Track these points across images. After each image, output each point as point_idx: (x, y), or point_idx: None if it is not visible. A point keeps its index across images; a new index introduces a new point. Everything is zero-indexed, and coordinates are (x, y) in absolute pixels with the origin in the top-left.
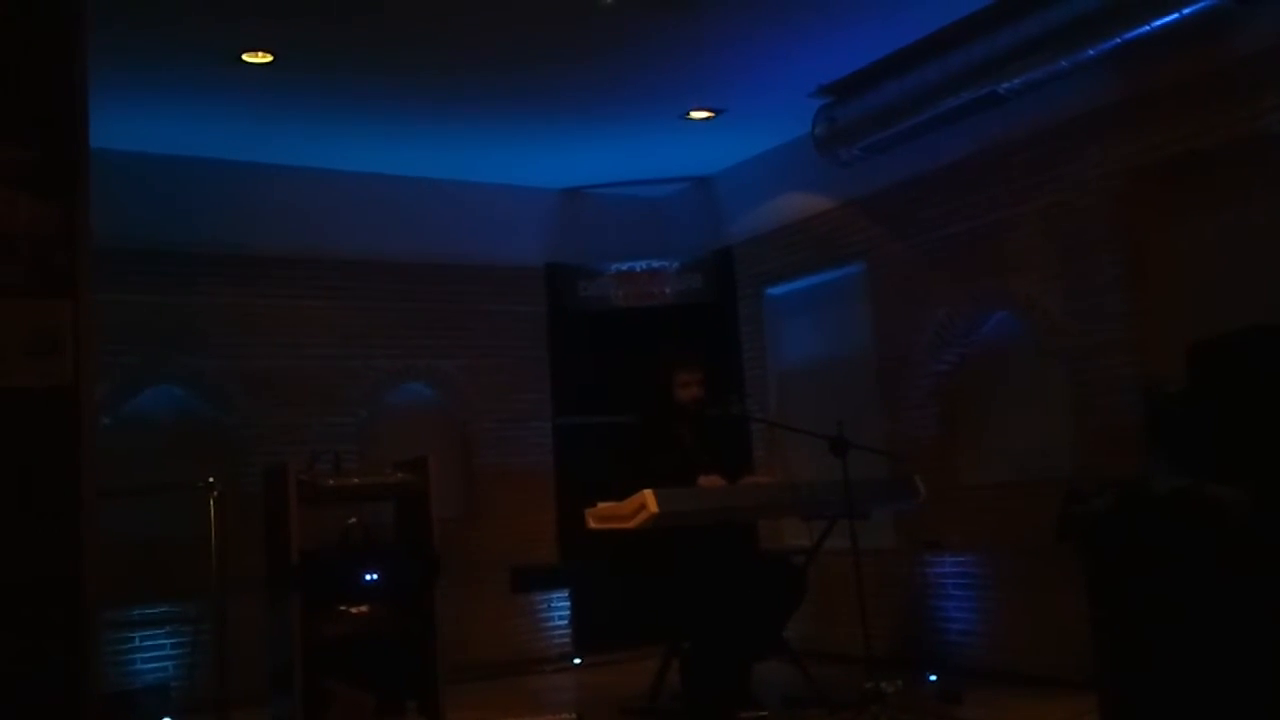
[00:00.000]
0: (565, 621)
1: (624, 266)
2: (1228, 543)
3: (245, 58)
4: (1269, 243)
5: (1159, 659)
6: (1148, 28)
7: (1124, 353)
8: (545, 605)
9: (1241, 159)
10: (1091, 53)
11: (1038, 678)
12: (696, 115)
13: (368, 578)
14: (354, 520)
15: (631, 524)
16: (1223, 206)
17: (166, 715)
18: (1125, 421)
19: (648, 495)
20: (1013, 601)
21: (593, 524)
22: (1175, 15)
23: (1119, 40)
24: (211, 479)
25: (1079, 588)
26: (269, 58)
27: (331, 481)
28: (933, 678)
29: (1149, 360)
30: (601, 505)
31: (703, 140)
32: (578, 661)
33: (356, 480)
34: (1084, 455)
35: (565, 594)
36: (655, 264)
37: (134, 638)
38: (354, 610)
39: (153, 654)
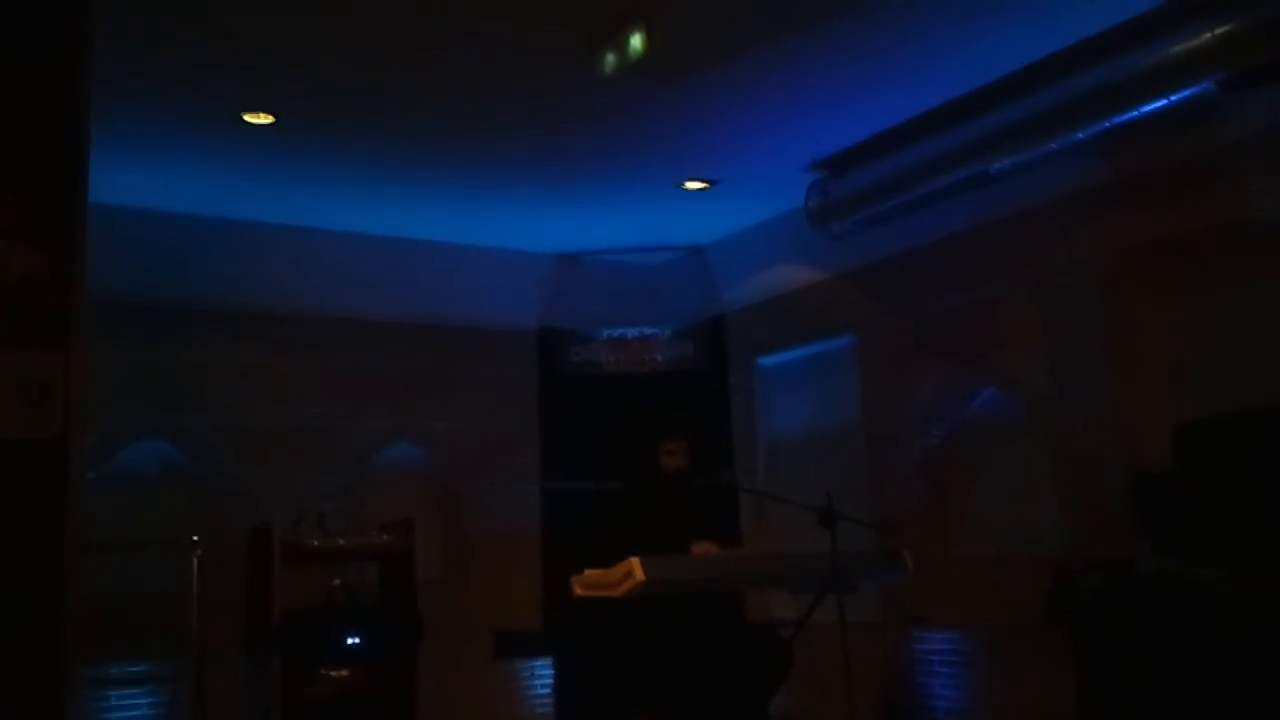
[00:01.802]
0: (548, 689)
1: (616, 333)
2: (1214, 624)
3: (246, 118)
4: (1255, 327)
5: None
6: (1136, 113)
7: (1111, 432)
8: (528, 672)
9: (1228, 243)
10: (1080, 135)
11: None
12: (691, 185)
13: (350, 640)
14: (338, 582)
15: (618, 591)
16: (1210, 290)
17: None
18: (1112, 501)
19: (635, 563)
20: (999, 679)
21: (579, 591)
22: (1163, 101)
23: (1108, 124)
24: (195, 536)
25: (1066, 666)
26: (270, 118)
27: (316, 542)
28: None
29: (1136, 441)
30: (588, 572)
31: (697, 210)
32: None
33: (341, 541)
34: (1072, 533)
35: (548, 661)
36: (647, 331)
37: (110, 696)
38: (335, 673)
39: (129, 714)
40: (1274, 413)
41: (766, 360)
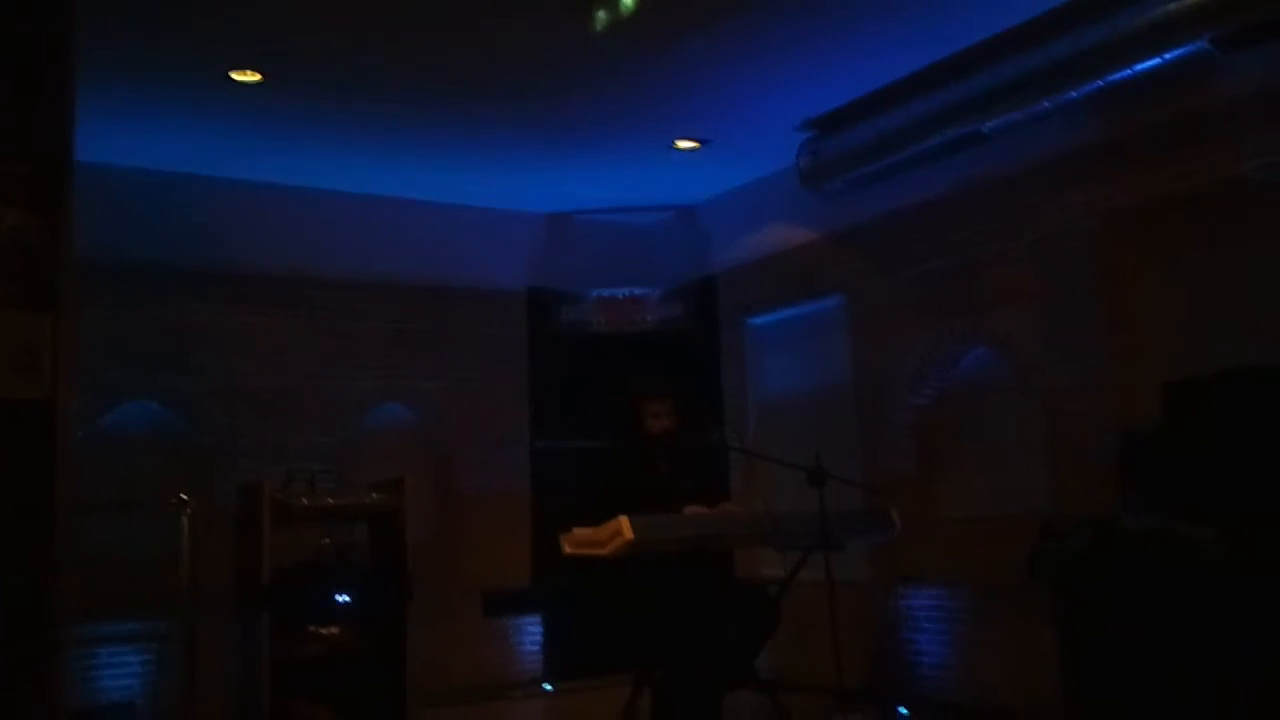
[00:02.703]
0: (537, 647)
1: (606, 293)
2: (1200, 582)
3: (234, 76)
4: (1246, 286)
5: (1128, 695)
6: (1130, 71)
7: (1101, 392)
8: (517, 630)
9: (1222, 203)
10: (1073, 95)
11: (1008, 712)
12: (683, 145)
13: (339, 599)
14: (327, 540)
15: (607, 550)
16: (1202, 250)
17: None
18: (1100, 461)
19: (623, 522)
20: (985, 636)
21: (568, 549)
22: (1157, 60)
23: (1101, 83)
24: (184, 495)
25: (1051, 623)
26: (258, 76)
27: (306, 501)
28: (903, 710)
29: (1126, 400)
30: (577, 531)
31: (688, 170)
32: (548, 687)
33: (331, 500)
34: (1059, 492)
35: (538, 619)
36: (637, 291)
37: (101, 654)
38: (324, 631)
39: (119, 671)
40: (1261, 371)
41: (756, 320)
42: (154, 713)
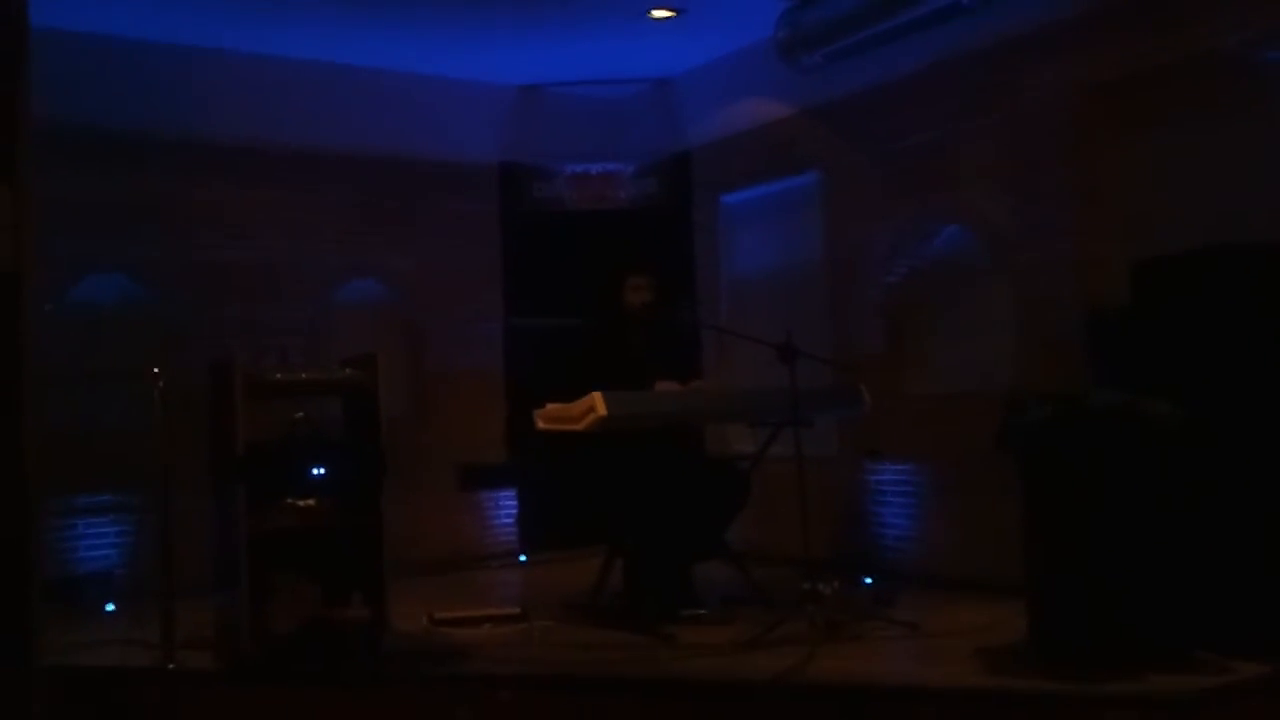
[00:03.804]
0: (512, 520)
1: (579, 168)
2: (1159, 456)
3: None
4: (1219, 164)
5: (1087, 565)
6: None
7: (1070, 270)
8: (492, 503)
9: (1197, 79)
10: None
11: (970, 582)
12: (658, 14)
13: (314, 472)
14: (301, 415)
15: (580, 425)
16: (1176, 127)
17: (110, 602)
18: (1068, 338)
19: (596, 398)
20: (948, 509)
21: (541, 425)
22: None
23: None
24: (156, 369)
25: (1013, 496)
26: None
27: (278, 375)
28: (868, 580)
29: (1095, 279)
30: (550, 406)
31: (663, 41)
32: (523, 559)
33: (304, 375)
34: (1028, 370)
35: (512, 493)
36: (610, 167)
37: (78, 525)
38: (300, 504)
39: (96, 542)
40: (1230, 249)
41: (731, 197)
42: (132, 582)
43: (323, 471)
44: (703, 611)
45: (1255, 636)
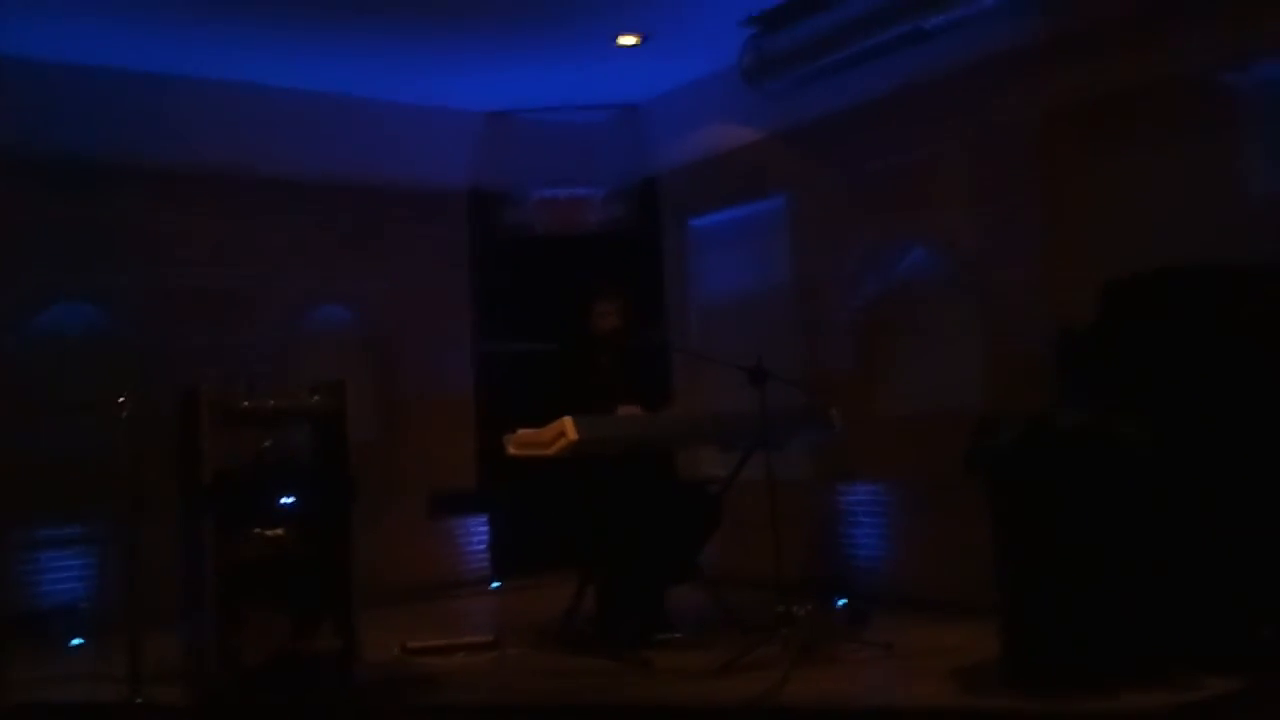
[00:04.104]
0: (484, 546)
1: (547, 193)
2: (1129, 476)
3: None
4: (1184, 186)
5: (1058, 585)
6: None
7: (1037, 290)
8: (463, 530)
9: (1160, 100)
10: None
11: (942, 603)
12: (625, 41)
13: (283, 500)
14: (268, 443)
15: (550, 450)
16: (1141, 148)
17: (76, 636)
18: (1037, 358)
19: (567, 422)
20: (920, 530)
21: (512, 450)
22: None
23: None
24: (121, 398)
25: (984, 517)
26: None
27: (245, 403)
28: (841, 602)
29: (1063, 299)
30: (521, 432)
31: (630, 67)
32: (496, 585)
33: (272, 402)
34: (997, 390)
35: (484, 520)
36: (579, 192)
37: (42, 558)
38: (268, 533)
39: (61, 574)
40: (1196, 270)
41: (699, 221)
42: (98, 615)
43: (291, 500)
44: (676, 636)
45: (1227, 651)
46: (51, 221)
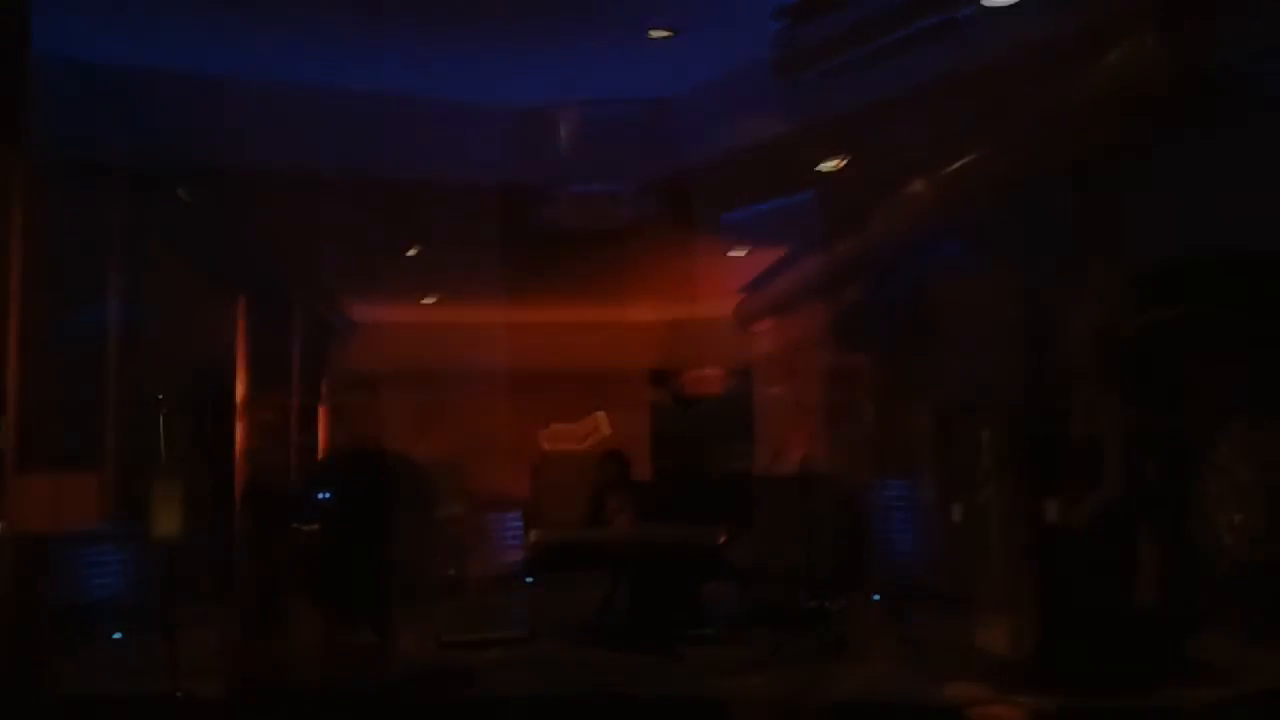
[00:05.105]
0: (518, 542)
1: (579, 189)
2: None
3: None
4: (1217, 176)
5: (1091, 580)
6: None
7: (1073, 282)
8: (498, 525)
9: (1190, 91)
10: None
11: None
12: (656, 34)
13: (320, 497)
14: (308, 440)
15: (584, 445)
16: (1175, 138)
17: (117, 630)
18: (1073, 349)
19: (600, 417)
20: (955, 525)
21: (546, 445)
22: None
23: None
24: (161, 396)
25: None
26: None
27: (285, 400)
28: (876, 597)
29: (1097, 290)
30: (555, 426)
31: (662, 60)
32: (530, 580)
33: (309, 400)
34: (1032, 383)
35: (518, 515)
36: (611, 187)
37: (83, 553)
38: (306, 529)
39: (103, 569)
40: (1226, 259)
41: (730, 216)
42: (139, 609)
43: (328, 496)
44: (709, 631)
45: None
46: (90, 220)
